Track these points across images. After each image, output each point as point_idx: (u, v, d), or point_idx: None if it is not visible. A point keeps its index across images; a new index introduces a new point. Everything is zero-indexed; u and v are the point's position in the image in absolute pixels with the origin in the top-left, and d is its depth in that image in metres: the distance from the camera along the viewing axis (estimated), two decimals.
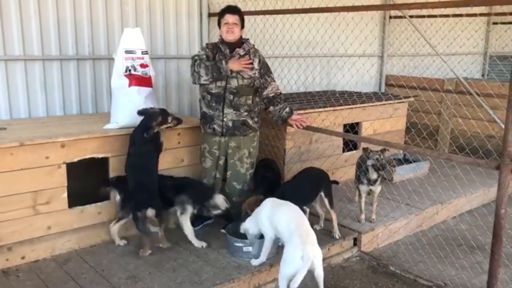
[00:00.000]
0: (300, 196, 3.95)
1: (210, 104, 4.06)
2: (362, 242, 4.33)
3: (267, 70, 4.19)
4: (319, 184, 4.18)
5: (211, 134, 4.14)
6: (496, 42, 9.68)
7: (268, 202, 3.66)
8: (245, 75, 4.00)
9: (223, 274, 3.54)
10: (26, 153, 3.53)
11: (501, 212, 3.10)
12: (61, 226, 3.79)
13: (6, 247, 3.57)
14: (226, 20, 3.99)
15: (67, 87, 4.78)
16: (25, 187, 3.57)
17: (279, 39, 6.12)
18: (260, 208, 3.66)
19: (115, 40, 4.91)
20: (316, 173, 4.32)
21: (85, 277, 3.49)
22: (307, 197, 4.12)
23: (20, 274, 3.53)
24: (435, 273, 3.94)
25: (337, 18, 5.92)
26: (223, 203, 4.00)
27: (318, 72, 7.03)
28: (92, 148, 3.84)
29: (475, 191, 5.47)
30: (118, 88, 4.06)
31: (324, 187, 4.18)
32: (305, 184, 4.17)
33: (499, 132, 6.11)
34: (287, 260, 3.17)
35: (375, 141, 4.17)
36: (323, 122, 5.17)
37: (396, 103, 6.26)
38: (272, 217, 3.51)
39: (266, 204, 3.64)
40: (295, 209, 3.54)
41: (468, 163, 3.48)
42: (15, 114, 4.52)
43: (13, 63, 4.45)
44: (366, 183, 4.48)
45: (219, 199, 3.99)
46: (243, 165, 4.19)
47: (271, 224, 3.52)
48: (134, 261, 3.73)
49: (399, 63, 8.10)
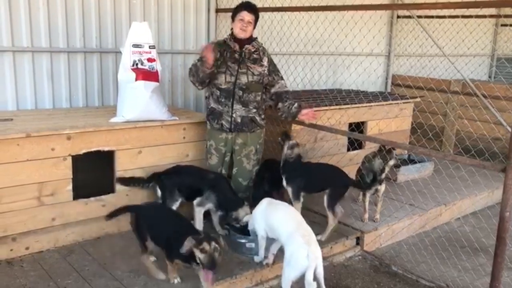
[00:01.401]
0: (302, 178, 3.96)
1: (219, 99, 4.06)
2: (365, 242, 4.33)
3: (274, 68, 4.20)
4: (327, 180, 4.15)
5: (218, 130, 4.14)
6: (505, 44, 9.63)
7: (264, 201, 3.65)
8: (255, 72, 4.01)
9: (226, 270, 3.53)
10: (32, 145, 3.54)
11: (506, 214, 3.08)
12: (65, 218, 3.81)
13: (11, 237, 3.59)
14: (242, 17, 3.98)
15: (74, 79, 4.79)
16: (30, 178, 3.58)
17: (286, 36, 6.11)
18: (257, 207, 3.67)
19: (122, 33, 4.91)
20: (331, 169, 4.28)
21: (88, 269, 3.51)
22: (310, 184, 4.11)
23: (24, 264, 3.55)
24: (438, 274, 3.94)
25: (345, 17, 5.90)
26: (244, 217, 3.87)
27: (325, 71, 7.02)
28: (98, 141, 3.85)
29: (480, 193, 5.45)
30: (124, 81, 4.07)
31: (332, 187, 4.10)
32: (315, 173, 4.16)
33: (505, 134, 6.10)
34: (292, 261, 3.11)
35: (380, 141, 4.16)
36: (328, 121, 5.16)
37: (402, 103, 6.24)
38: (268, 217, 3.49)
39: (262, 204, 3.64)
40: (292, 209, 3.52)
41: (473, 165, 3.47)
42: (21, 105, 4.53)
43: (20, 55, 4.46)
44: (372, 182, 4.46)
45: (241, 213, 3.89)
46: (250, 161, 4.20)
47: (266, 223, 3.50)
48: (137, 254, 3.72)
49: (406, 63, 8.08)
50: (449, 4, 3.73)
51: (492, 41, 9.41)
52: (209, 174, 4.07)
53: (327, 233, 4.10)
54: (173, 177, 4.03)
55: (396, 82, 7.83)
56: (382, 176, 4.43)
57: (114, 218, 3.49)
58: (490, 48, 9.43)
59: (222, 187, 3.98)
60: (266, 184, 4.12)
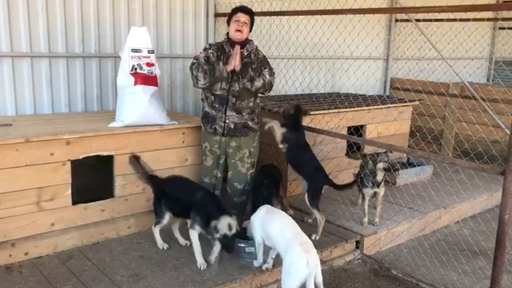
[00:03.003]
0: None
1: (213, 105, 4.05)
2: (365, 245, 4.33)
3: (264, 63, 4.04)
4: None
5: (212, 133, 4.14)
6: (503, 48, 9.66)
7: (263, 209, 3.65)
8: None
9: (225, 274, 3.54)
10: (31, 150, 3.54)
11: (505, 218, 3.09)
12: (65, 223, 3.80)
13: (10, 243, 3.58)
14: (238, 18, 3.97)
15: (73, 84, 4.80)
16: (29, 184, 3.58)
17: (284, 40, 6.12)
18: (255, 213, 3.67)
19: (121, 38, 4.93)
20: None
21: (88, 274, 3.50)
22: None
23: (23, 270, 3.54)
24: (437, 278, 3.93)
25: (343, 20, 5.92)
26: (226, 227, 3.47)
27: (323, 74, 7.03)
28: (97, 146, 3.86)
29: (479, 196, 5.45)
30: (124, 86, 4.07)
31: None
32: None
33: (504, 137, 6.10)
34: (292, 271, 3.08)
35: (379, 144, 4.16)
36: (327, 124, 5.16)
37: (401, 107, 6.24)
38: (265, 225, 3.50)
39: (261, 210, 3.64)
40: (288, 218, 3.51)
41: (472, 168, 3.48)
42: (21, 111, 4.54)
43: (19, 60, 4.47)
44: (370, 186, 4.46)
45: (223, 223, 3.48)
46: (244, 165, 4.19)
47: (263, 231, 3.51)
48: (136, 259, 3.74)
49: (405, 67, 8.10)
50: (447, 7, 3.74)
51: (490, 44, 9.44)
52: (197, 193, 3.74)
53: (320, 231, 4.16)
54: (164, 187, 3.86)
55: (394, 85, 7.84)
56: (377, 179, 4.42)
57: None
58: (488, 51, 9.46)
59: (207, 207, 3.62)
60: (264, 190, 4.11)
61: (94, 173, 4.04)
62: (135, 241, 4.04)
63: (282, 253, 3.26)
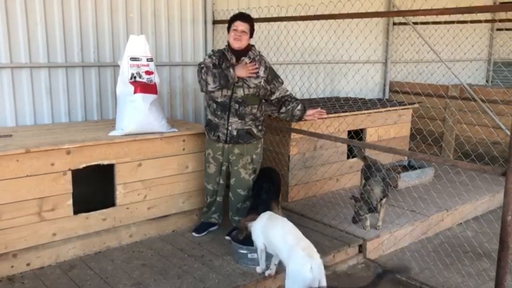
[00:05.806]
0: None
1: (215, 112, 4.06)
2: (368, 249, 4.31)
3: (274, 75, 4.16)
4: None
5: (215, 141, 4.14)
6: (501, 49, 9.68)
7: (265, 216, 3.64)
8: (251, 84, 3.98)
9: (228, 281, 3.52)
10: (32, 160, 3.54)
11: (508, 218, 3.08)
12: (66, 232, 3.80)
13: (11, 253, 3.57)
14: (236, 26, 3.98)
15: (73, 94, 4.81)
16: (30, 194, 3.57)
17: (283, 45, 6.14)
18: (257, 220, 3.65)
19: (120, 47, 4.94)
20: None
21: (90, 284, 3.49)
22: None
23: (25, 281, 3.53)
24: (441, 281, 3.92)
25: (341, 25, 5.94)
26: None
27: (322, 79, 7.04)
28: (98, 155, 3.85)
29: (481, 197, 5.44)
30: (123, 95, 4.08)
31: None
32: None
33: (505, 138, 6.11)
34: (295, 276, 3.05)
35: (380, 147, 4.16)
36: (327, 129, 5.16)
37: (401, 110, 6.25)
38: (267, 232, 3.48)
39: (263, 217, 3.63)
40: (290, 224, 3.49)
41: (474, 169, 3.46)
42: (21, 121, 4.54)
43: (19, 71, 4.48)
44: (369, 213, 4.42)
45: None
46: (247, 171, 4.18)
47: (265, 238, 3.50)
48: (139, 267, 3.73)
49: (404, 70, 8.10)
50: (444, 10, 3.74)
51: (488, 45, 9.46)
52: None
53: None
54: None
55: (394, 88, 7.85)
56: (375, 206, 4.38)
57: None
58: (486, 52, 9.48)
59: None
60: (263, 193, 4.10)
61: (95, 182, 4.03)
62: (137, 250, 4.03)
63: (285, 260, 3.24)
